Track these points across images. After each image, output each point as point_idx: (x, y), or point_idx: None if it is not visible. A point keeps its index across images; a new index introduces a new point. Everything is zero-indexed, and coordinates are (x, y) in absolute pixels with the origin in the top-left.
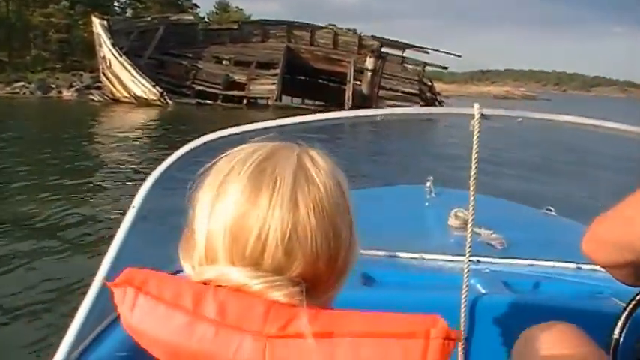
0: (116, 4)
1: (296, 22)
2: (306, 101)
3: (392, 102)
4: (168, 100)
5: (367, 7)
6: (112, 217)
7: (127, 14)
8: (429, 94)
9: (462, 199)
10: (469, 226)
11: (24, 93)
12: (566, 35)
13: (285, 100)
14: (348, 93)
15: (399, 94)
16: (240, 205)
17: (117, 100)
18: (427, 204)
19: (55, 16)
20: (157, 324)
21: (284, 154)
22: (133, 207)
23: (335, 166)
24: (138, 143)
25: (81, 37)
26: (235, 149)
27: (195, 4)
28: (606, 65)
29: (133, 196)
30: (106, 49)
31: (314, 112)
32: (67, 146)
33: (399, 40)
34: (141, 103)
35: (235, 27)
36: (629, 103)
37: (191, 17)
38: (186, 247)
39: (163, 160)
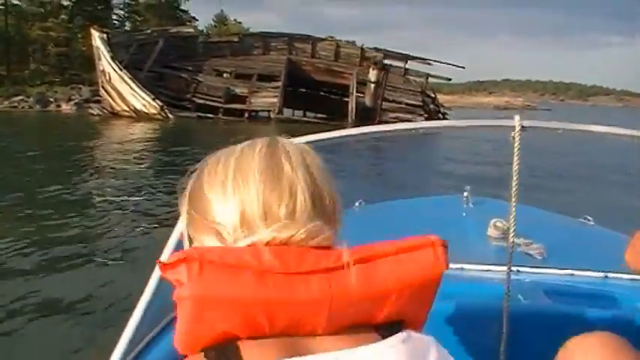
0: (114, 17)
1: (297, 34)
2: (308, 114)
3: (395, 114)
4: (169, 114)
5: (364, 18)
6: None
7: (126, 27)
8: (432, 106)
9: (500, 208)
10: (510, 236)
11: (22, 107)
12: (562, 44)
13: (287, 112)
14: (351, 105)
15: (403, 106)
16: (267, 174)
17: (116, 114)
18: (464, 214)
19: (54, 30)
20: (228, 286)
21: (276, 139)
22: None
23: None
24: (139, 156)
25: (80, 50)
26: (223, 149)
27: (194, 17)
28: (603, 74)
29: (136, 210)
30: (105, 62)
31: (317, 125)
32: (64, 160)
33: (401, 52)
34: (141, 117)
35: (236, 39)
36: (627, 112)
37: (191, 30)
38: (197, 228)
39: (165, 173)
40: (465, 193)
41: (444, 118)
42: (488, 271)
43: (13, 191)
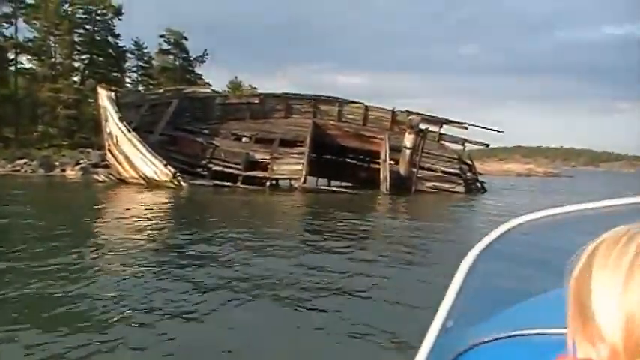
0: (127, 79)
1: (323, 95)
2: (333, 182)
3: (432, 184)
4: (182, 182)
5: (376, 86)
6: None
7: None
8: (469, 175)
9: None
10: None
11: (25, 171)
12: (573, 111)
13: (310, 181)
14: (385, 174)
15: (439, 174)
16: None
17: (124, 181)
18: None
19: (64, 92)
20: None
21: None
22: (462, 270)
23: None
24: (143, 229)
25: (90, 113)
26: (617, 230)
27: (208, 83)
28: (613, 140)
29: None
30: (112, 123)
31: (349, 196)
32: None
33: (436, 116)
34: (151, 184)
35: (257, 101)
36: None
37: (207, 90)
38: (577, 326)
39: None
40: None
41: (483, 188)
42: None
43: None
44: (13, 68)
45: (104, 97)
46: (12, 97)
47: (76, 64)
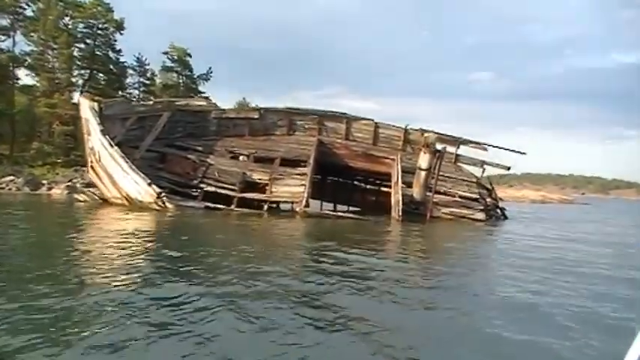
0: (128, 97)
1: (329, 111)
2: (339, 206)
3: (448, 209)
4: (168, 204)
5: (387, 112)
6: None
7: None
8: (489, 200)
9: None
10: None
11: (10, 189)
12: (582, 137)
13: (314, 204)
14: (397, 197)
15: (457, 199)
16: None
17: (106, 201)
18: None
19: (60, 107)
20: None
21: None
22: None
23: None
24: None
25: None
26: None
27: (215, 104)
28: (624, 168)
29: None
30: (95, 138)
31: (357, 222)
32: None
33: (452, 135)
34: (135, 205)
35: (256, 116)
36: None
37: (202, 102)
38: None
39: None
40: None
41: (504, 215)
42: None
43: None
44: (11, 82)
45: (86, 108)
46: (7, 112)
47: (75, 80)
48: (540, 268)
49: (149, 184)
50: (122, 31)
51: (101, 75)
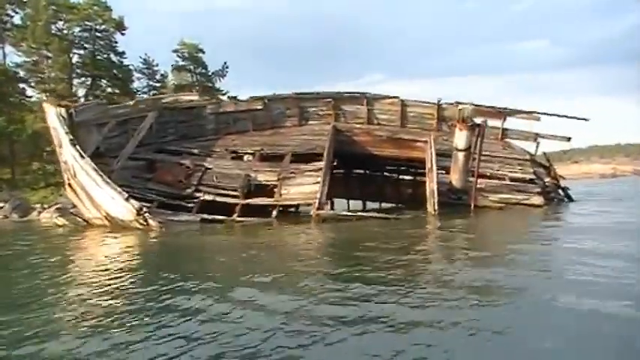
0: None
1: (345, 92)
2: (370, 204)
3: (497, 195)
4: (151, 221)
5: (426, 95)
6: None
7: None
8: (547, 180)
9: None
10: None
11: None
12: None
13: (338, 203)
14: (432, 187)
15: (507, 182)
16: None
17: (89, 223)
18: None
19: None
20: None
21: None
22: None
23: None
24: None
25: None
26: None
27: (235, 97)
28: None
29: None
30: (66, 150)
31: (386, 222)
32: None
33: (495, 106)
34: (117, 226)
35: (260, 106)
36: None
37: (194, 96)
38: None
39: None
40: None
41: (568, 196)
42: None
43: None
44: (12, 98)
45: (52, 115)
46: (4, 132)
47: (76, 89)
48: None
49: (127, 199)
50: (123, 31)
51: (104, 81)
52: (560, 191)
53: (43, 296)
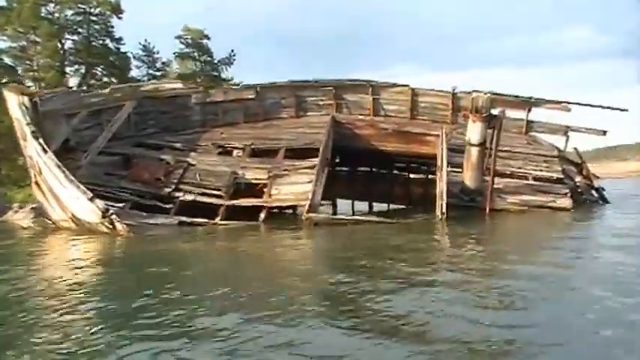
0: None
1: (348, 79)
2: (377, 205)
3: (517, 197)
4: (118, 224)
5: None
6: None
7: None
8: (578, 180)
9: None
10: None
11: None
12: None
13: (342, 205)
14: (440, 187)
15: (530, 182)
16: None
17: (56, 225)
18: None
19: None
20: None
21: None
22: None
23: None
24: None
25: None
26: None
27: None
28: None
29: None
30: (31, 144)
31: (392, 227)
32: None
33: (518, 95)
34: (84, 229)
35: (252, 96)
36: None
37: (177, 84)
38: None
39: None
40: None
41: (603, 198)
42: None
43: None
44: None
45: (14, 104)
46: None
47: (67, 78)
48: None
49: (91, 199)
50: (120, 15)
51: (100, 69)
52: (593, 192)
53: None
